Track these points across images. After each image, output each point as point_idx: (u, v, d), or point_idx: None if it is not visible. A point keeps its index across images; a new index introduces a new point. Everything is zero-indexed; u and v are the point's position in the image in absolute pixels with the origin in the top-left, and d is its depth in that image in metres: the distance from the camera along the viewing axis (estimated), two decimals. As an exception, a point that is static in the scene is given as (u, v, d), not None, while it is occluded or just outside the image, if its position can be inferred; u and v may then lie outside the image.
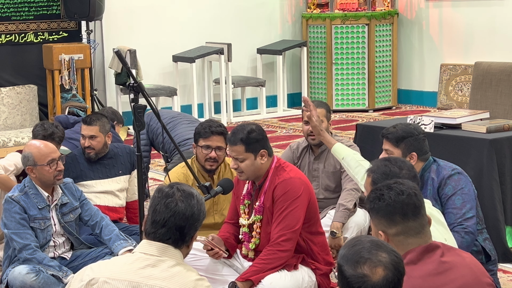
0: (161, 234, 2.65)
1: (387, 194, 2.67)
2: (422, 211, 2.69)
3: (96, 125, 5.07)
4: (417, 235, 2.66)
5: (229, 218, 4.28)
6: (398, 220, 2.64)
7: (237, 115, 10.11)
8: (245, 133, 3.92)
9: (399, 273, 2.26)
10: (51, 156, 4.33)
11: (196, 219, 2.68)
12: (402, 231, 2.64)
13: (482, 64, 5.87)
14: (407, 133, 4.14)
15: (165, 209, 2.65)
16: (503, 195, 4.81)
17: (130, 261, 2.66)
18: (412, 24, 10.50)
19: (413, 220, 2.65)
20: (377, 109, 10.25)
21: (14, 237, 4.25)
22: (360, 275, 2.22)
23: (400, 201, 2.65)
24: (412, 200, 2.67)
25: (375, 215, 2.69)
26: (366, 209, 5.11)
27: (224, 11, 10.33)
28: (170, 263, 2.63)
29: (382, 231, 2.67)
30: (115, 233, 4.46)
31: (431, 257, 2.62)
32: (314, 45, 10.35)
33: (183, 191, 2.69)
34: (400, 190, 2.68)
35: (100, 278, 2.63)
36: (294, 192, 3.91)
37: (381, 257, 2.25)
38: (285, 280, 3.90)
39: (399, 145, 4.11)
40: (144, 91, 3.99)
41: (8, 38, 8.89)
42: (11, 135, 8.23)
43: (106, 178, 5.13)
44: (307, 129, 4.98)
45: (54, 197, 4.40)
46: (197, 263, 4.27)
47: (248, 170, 3.95)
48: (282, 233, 3.89)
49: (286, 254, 3.91)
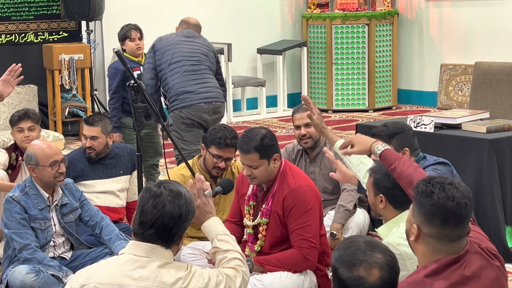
0: (149, 235, 2.63)
1: (437, 194, 2.51)
2: (465, 222, 2.54)
3: (98, 126, 5.06)
4: (449, 244, 2.53)
5: (232, 216, 4.27)
6: (437, 224, 2.51)
7: (237, 115, 10.11)
8: (258, 140, 3.86)
9: (394, 273, 2.26)
10: (54, 157, 4.32)
11: (184, 219, 2.65)
12: (437, 235, 2.52)
13: (482, 64, 5.87)
14: (398, 129, 4.20)
15: (153, 210, 2.62)
16: (503, 195, 4.81)
17: (119, 264, 2.64)
18: (412, 24, 10.50)
19: (451, 229, 2.52)
20: (377, 109, 10.24)
21: (14, 237, 4.25)
22: (356, 277, 2.22)
23: (447, 207, 2.50)
24: (460, 210, 2.51)
25: (417, 208, 2.55)
26: (366, 209, 5.16)
27: (224, 11, 10.33)
28: (159, 263, 2.62)
29: (417, 224, 2.55)
30: (115, 233, 4.46)
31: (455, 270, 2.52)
32: (314, 45, 10.35)
33: (170, 190, 2.65)
34: (451, 195, 2.51)
35: (91, 284, 2.61)
36: (306, 203, 3.90)
37: (376, 257, 2.25)
38: (286, 281, 3.90)
39: (391, 142, 4.14)
40: (144, 91, 3.99)
41: (8, 38, 8.89)
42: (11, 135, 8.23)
43: (107, 178, 5.13)
44: (298, 133, 4.98)
45: (55, 198, 4.39)
46: (197, 263, 4.27)
47: (262, 175, 3.93)
48: (309, 239, 3.90)
49: (309, 265, 3.94)
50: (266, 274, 3.92)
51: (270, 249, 4.03)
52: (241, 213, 4.18)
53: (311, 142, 4.98)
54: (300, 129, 4.97)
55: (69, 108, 8.74)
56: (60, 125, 8.73)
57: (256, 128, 4.00)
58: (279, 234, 3.99)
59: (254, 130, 3.95)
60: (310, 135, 4.94)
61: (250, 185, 4.09)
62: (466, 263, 2.54)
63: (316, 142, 5.01)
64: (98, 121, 5.08)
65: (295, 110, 5.08)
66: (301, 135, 4.97)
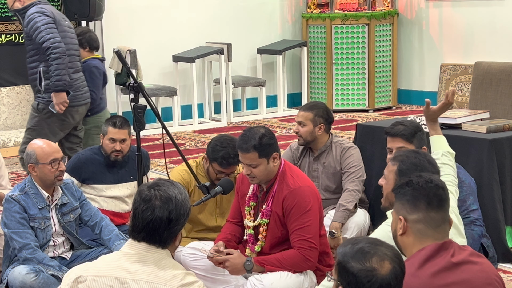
0: (141, 237, 2.67)
1: (415, 180, 2.68)
2: (446, 206, 2.69)
3: (126, 129, 4.97)
4: (436, 228, 2.64)
5: (232, 217, 4.26)
6: (422, 207, 2.63)
7: (237, 115, 10.11)
8: (257, 139, 3.86)
9: (403, 267, 2.28)
10: (53, 155, 4.32)
11: (175, 223, 2.67)
12: (424, 219, 2.63)
13: (482, 64, 5.86)
14: (417, 128, 4.18)
15: (143, 215, 2.65)
16: (503, 195, 4.81)
17: (117, 258, 2.69)
18: (412, 24, 10.50)
19: (435, 212, 2.64)
20: (377, 109, 10.25)
21: (14, 237, 4.25)
22: (369, 268, 2.22)
23: (427, 188, 2.65)
24: (439, 191, 2.67)
25: (399, 199, 2.68)
26: (366, 209, 5.16)
27: (224, 11, 10.33)
28: (156, 259, 2.65)
29: (403, 216, 2.65)
30: (115, 233, 4.46)
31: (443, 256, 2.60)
32: (314, 45, 10.35)
33: (161, 195, 2.67)
34: (429, 179, 2.69)
35: (88, 277, 2.66)
36: (305, 203, 3.90)
37: (386, 251, 2.27)
38: (286, 281, 3.90)
39: (413, 141, 4.11)
40: (144, 91, 3.99)
41: (8, 38, 8.89)
42: (11, 135, 8.24)
43: (117, 183, 5.05)
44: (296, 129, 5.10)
45: (54, 197, 4.39)
46: (197, 263, 4.27)
47: (261, 174, 3.93)
48: (309, 240, 3.89)
49: (309, 266, 3.93)
50: (266, 274, 3.91)
51: (270, 250, 4.03)
52: (241, 214, 4.18)
53: (302, 141, 5.09)
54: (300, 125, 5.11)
55: (69, 108, 8.73)
56: (60, 125, 8.73)
57: (255, 127, 3.99)
58: (279, 234, 3.99)
59: (253, 129, 3.95)
60: (301, 134, 5.06)
61: (250, 185, 4.08)
62: (454, 252, 2.62)
63: (310, 142, 5.06)
64: (125, 123, 4.99)
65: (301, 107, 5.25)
66: (294, 131, 5.14)
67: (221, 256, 3.97)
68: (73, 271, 2.73)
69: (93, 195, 5.01)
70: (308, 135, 5.03)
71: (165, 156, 4.26)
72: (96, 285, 2.64)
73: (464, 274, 2.59)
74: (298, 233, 3.89)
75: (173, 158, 7.19)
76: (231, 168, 4.45)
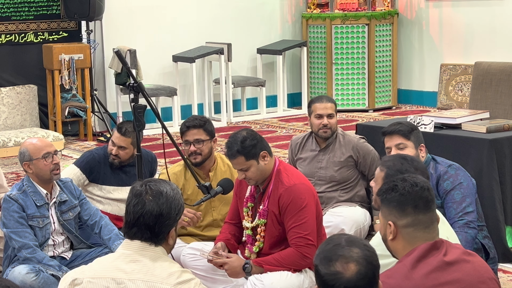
0: (133, 233, 2.68)
1: (401, 185, 2.71)
2: (432, 206, 2.72)
3: (130, 137, 4.95)
4: (425, 229, 2.67)
5: (230, 218, 4.28)
6: (409, 211, 2.67)
7: (237, 115, 10.11)
8: (239, 143, 3.91)
9: (373, 267, 2.27)
10: (46, 149, 4.33)
11: (166, 217, 2.68)
12: (412, 223, 2.66)
13: (482, 64, 5.86)
14: (413, 126, 4.30)
15: (134, 209, 2.68)
16: (503, 195, 4.81)
17: (112, 259, 2.70)
18: (412, 24, 10.50)
19: (423, 214, 2.67)
20: (377, 109, 10.25)
21: (13, 236, 4.25)
22: (333, 272, 2.23)
23: (413, 193, 2.68)
24: (424, 193, 2.70)
25: (386, 205, 2.71)
26: (367, 209, 5.16)
27: (224, 11, 10.33)
28: (151, 258, 2.66)
29: (392, 221, 2.68)
30: (114, 233, 4.46)
31: (435, 255, 2.63)
32: (314, 45, 10.35)
33: (151, 190, 2.70)
34: (414, 182, 2.71)
35: (85, 279, 2.66)
36: (301, 200, 3.91)
37: (353, 252, 2.26)
38: (286, 280, 3.90)
39: (410, 138, 4.20)
40: (144, 91, 3.99)
41: (8, 38, 8.89)
42: (11, 135, 8.24)
43: (124, 186, 5.02)
44: (319, 123, 5.11)
45: (53, 195, 4.40)
46: (197, 263, 4.27)
47: (255, 175, 3.96)
48: (306, 237, 3.89)
49: (307, 263, 3.93)
50: (266, 274, 3.92)
51: (269, 249, 4.03)
52: (239, 215, 4.20)
53: (330, 133, 5.13)
54: (322, 119, 5.11)
55: (69, 108, 8.74)
56: (60, 125, 8.74)
57: (237, 131, 4.03)
58: (277, 234, 4.00)
59: (235, 134, 4.00)
60: (330, 126, 5.10)
61: (248, 187, 4.10)
62: (446, 251, 2.65)
63: (333, 133, 5.16)
64: (131, 132, 4.95)
65: (316, 99, 5.22)
66: (322, 124, 5.12)
67: (220, 259, 3.98)
68: (69, 275, 2.73)
69: (99, 197, 5.01)
70: (336, 126, 5.15)
71: (165, 156, 4.26)
72: (92, 287, 2.64)
73: (457, 273, 2.61)
74: (295, 230, 3.90)
75: (173, 158, 7.19)
76: (190, 131, 4.54)
